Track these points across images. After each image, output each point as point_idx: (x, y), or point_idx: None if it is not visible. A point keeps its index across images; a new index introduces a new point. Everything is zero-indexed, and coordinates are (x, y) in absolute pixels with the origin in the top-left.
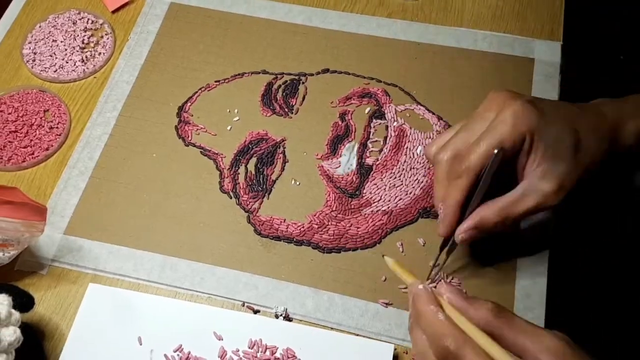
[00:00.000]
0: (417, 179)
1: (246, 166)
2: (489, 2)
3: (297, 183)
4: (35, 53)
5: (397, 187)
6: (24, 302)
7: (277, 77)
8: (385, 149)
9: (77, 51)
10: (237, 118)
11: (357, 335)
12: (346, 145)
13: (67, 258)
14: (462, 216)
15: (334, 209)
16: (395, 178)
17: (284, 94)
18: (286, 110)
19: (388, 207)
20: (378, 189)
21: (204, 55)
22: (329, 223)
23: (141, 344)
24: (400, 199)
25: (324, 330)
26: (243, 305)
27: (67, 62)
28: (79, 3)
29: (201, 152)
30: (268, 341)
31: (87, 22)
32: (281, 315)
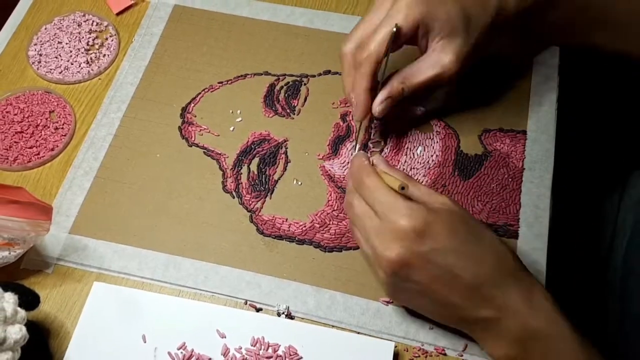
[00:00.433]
0: (418, 179)
1: (249, 166)
2: None
3: (299, 183)
4: (40, 55)
5: None
6: (30, 301)
7: (279, 79)
8: (385, 150)
9: (82, 53)
10: (240, 119)
11: (358, 333)
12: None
13: (72, 257)
14: (372, 100)
15: (336, 209)
16: None
17: (286, 95)
18: (288, 111)
19: None
20: None
21: (207, 57)
22: (331, 222)
23: (145, 342)
24: None
25: (326, 328)
26: (246, 303)
27: (72, 64)
28: (84, 5)
29: (204, 153)
30: (270, 339)
31: (92, 24)
32: (283, 313)
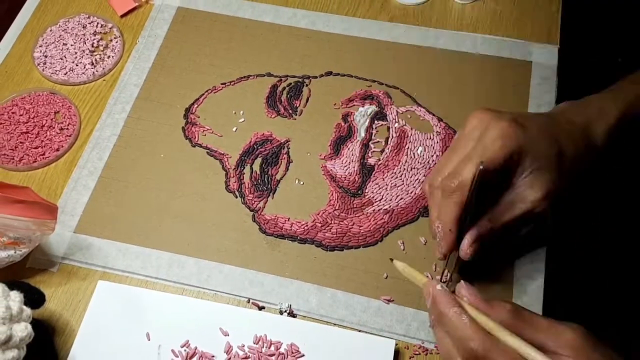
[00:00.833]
0: (418, 179)
1: (251, 166)
2: (488, 7)
3: (301, 183)
4: (46, 56)
5: (399, 187)
6: (35, 299)
7: (282, 80)
8: (387, 150)
9: (87, 54)
10: (243, 119)
11: (360, 331)
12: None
13: (77, 256)
14: (460, 234)
15: (337, 208)
16: (396, 178)
17: (288, 96)
18: (290, 111)
19: (389, 206)
20: (380, 189)
21: (211, 58)
22: (332, 222)
23: (149, 340)
24: (401, 198)
25: (327, 326)
26: (248, 301)
27: (77, 65)
28: (89, 7)
29: (207, 153)
30: (273, 337)
31: (97, 26)
32: (285, 311)
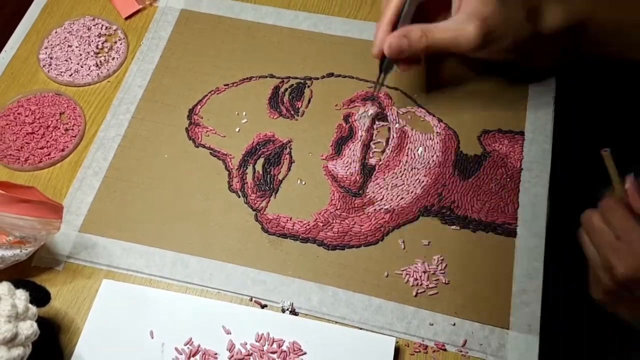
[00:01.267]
0: (418, 179)
1: (254, 166)
2: None
3: (303, 183)
4: (51, 58)
5: (399, 187)
6: (41, 297)
7: (284, 81)
8: (387, 150)
9: (92, 56)
10: (245, 120)
11: (360, 328)
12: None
13: (82, 255)
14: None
15: (338, 208)
16: (397, 178)
17: (290, 97)
18: (292, 112)
19: (390, 206)
20: (380, 189)
21: (214, 59)
22: (334, 221)
23: (153, 338)
24: (402, 198)
25: (329, 324)
26: (251, 300)
27: (82, 67)
28: (94, 10)
29: (211, 153)
30: (275, 335)
31: (101, 28)
32: (287, 309)
